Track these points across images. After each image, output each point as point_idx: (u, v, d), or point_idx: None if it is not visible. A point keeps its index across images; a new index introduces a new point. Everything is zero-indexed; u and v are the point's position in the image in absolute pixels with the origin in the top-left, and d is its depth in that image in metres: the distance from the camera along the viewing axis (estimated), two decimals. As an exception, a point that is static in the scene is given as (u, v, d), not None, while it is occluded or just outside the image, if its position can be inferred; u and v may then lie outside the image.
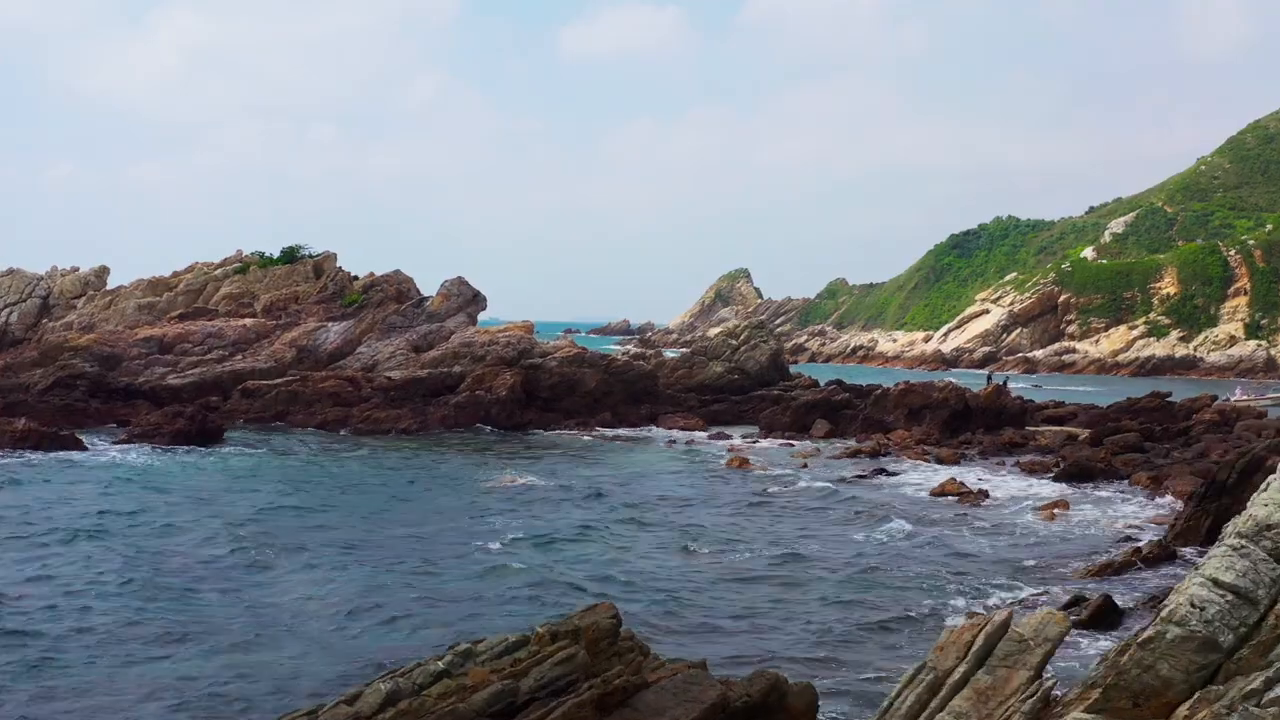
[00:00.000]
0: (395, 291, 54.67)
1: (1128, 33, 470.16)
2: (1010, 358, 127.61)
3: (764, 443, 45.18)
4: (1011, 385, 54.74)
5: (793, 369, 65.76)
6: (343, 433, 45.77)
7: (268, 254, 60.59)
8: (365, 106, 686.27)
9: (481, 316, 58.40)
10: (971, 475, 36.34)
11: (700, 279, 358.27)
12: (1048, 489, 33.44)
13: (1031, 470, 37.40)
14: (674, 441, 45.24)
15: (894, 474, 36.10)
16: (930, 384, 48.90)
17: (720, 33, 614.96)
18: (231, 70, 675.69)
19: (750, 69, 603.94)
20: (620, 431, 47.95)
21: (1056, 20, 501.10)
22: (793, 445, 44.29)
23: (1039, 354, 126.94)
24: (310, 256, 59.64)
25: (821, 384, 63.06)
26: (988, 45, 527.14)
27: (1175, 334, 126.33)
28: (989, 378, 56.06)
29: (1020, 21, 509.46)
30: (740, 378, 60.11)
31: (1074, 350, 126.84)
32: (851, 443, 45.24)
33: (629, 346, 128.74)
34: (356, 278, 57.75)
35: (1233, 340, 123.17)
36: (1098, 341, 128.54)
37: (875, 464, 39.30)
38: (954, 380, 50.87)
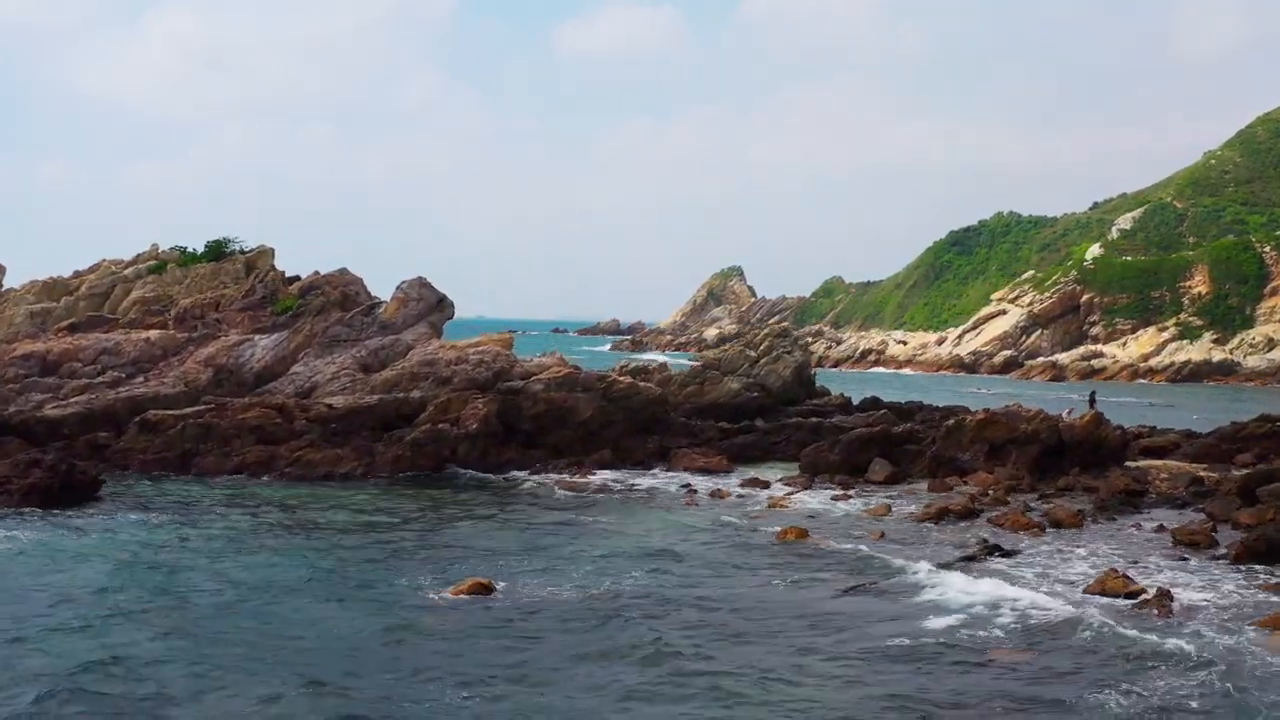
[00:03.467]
0: (339, 295, 43.92)
1: (1127, 30, 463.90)
2: (1033, 362, 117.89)
3: (811, 493, 35.09)
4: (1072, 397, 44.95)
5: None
6: (266, 478, 35.56)
7: (190, 249, 50.08)
8: (361, 106, 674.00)
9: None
10: (1109, 550, 26.84)
11: (693, 277, 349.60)
12: (1236, 582, 23.60)
13: (1189, 542, 27.45)
14: (694, 491, 34.99)
15: (1011, 553, 26.08)
16: (1014, 412, 38.91)
17: (717, 31, 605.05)
18: (228, 69, 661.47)
19: (747, 67, 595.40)
20: (623, 477, 37.69)
21: (1053, 18, 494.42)
22: (849, 496, 34.25)
23: (1064, 358, 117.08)
24: (241, 252, 49.12)
25: (846, 397, 53.55)
26: (984, 43, 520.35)
27: (1208, 336, 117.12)
28: (1091, 397, 46.15)
29: (1017, 20, 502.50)
30: (761, 395, 50.37)
31: (1102, 354, 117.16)
32: (922, 488, 35.50)
33: (623, 351, 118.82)
34: (296, 278, 47.21)
35: (1271, 343, 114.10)
36: (1125, 344, 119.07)
37: (971, 526, 29.60)
38: (1039, 406, 40.88)
